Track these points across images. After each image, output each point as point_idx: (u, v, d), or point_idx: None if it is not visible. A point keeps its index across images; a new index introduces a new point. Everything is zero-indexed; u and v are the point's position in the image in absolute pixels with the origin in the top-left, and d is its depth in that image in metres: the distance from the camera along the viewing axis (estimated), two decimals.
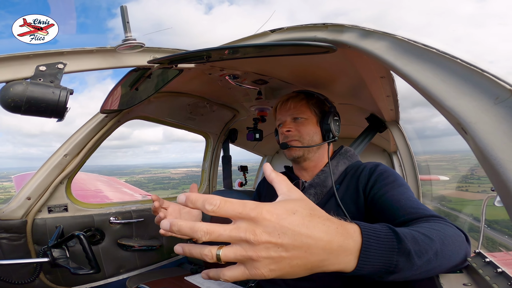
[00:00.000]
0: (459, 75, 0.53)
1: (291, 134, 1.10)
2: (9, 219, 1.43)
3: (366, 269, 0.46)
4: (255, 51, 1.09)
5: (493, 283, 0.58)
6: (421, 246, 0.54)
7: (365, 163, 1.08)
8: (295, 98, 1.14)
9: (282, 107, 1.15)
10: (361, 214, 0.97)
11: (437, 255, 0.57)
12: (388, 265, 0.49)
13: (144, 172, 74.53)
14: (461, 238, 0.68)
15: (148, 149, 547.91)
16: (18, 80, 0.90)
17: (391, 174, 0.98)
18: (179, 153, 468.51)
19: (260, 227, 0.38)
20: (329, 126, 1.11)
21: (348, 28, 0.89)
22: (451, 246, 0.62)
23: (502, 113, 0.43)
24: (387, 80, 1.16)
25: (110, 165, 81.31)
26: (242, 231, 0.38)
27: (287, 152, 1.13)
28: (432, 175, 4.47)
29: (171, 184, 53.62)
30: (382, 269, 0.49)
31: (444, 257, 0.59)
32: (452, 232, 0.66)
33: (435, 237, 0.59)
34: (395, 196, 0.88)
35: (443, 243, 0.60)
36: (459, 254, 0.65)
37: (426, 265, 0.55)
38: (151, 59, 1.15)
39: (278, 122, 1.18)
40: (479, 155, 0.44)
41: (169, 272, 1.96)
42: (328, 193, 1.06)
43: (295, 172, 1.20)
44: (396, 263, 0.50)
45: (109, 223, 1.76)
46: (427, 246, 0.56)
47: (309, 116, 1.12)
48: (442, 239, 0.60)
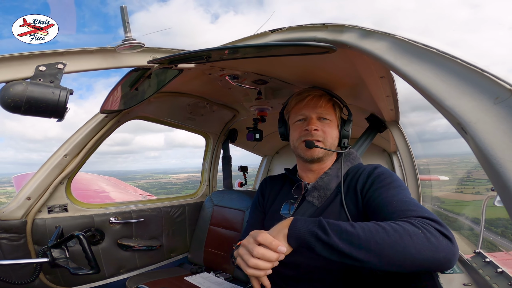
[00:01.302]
0: (459, 75, 0.53)
1: (317, 133, 1.07)
2: (9, 219, 1.43)
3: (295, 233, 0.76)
4: (255, 51, 1.08)
5: (493, 283, 0.58)
6: (344, 229, 0.72)
7: (365, 166, 1.08)
8: (326, 97, 1.12)
9: (311, 103, 1.10)
10: (360, 215, 0.97)
11: (378, 243, 0.68)
12: (310, 232, 0.74)
13: (146, 177, 75.11)
14: (430, 240, 0.67)
15: (148, 154, 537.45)
16: (18, 80, 0.89)
17: (389, 176, 0.99)
18: (179, 159, 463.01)
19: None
20: (348, 133, 1.11)
21: (348, 28, 0.89)
22: (401, 240, 0.67)
23: (502, 113, 0.43)
24: (387, 80, 1.16)
25: (111, 171, 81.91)
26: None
27: (307, 152, 1.08)
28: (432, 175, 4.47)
29: (174, 189, 54.52)
30: (306, 235, 0.74)
31: (388, 248, 0.67)
32: (414, 231, 0.68)
33: (380, 230, 0.69)
34: (388, 197, 0.88)
35: (388, 235, 0.68)
36: (423, 254, 0.66)
37: (356, 247, 0.69)
38: (151, 59, 1.14)
39: (299, 117, 1.12)
40: (479, 155, 0.44)
41: (169, 272, 1.96)
42: (331, 196, 1.05)
43: (299, 173, 1.19)
44: (315, 232, 0.73)
45: (109, 223, 1.76)
46: (358, 231, 0.70)
47: (333, 119, 1.11)
48: (390, 233, 0.69)
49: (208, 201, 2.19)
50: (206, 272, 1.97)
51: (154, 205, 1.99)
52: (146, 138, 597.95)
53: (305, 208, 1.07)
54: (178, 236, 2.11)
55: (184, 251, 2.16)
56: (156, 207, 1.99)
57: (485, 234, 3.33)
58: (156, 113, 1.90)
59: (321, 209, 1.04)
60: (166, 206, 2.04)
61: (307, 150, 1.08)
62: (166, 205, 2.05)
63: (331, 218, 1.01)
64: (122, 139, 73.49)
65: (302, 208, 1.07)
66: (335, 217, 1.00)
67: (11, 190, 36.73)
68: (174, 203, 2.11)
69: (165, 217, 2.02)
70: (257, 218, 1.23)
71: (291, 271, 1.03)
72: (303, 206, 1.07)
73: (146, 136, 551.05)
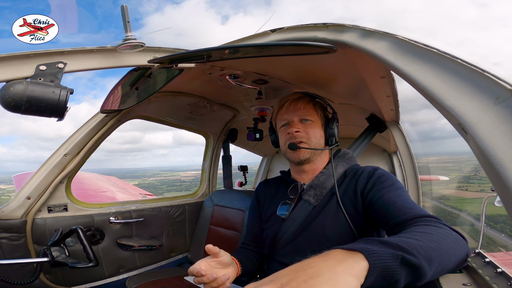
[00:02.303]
0: (459, 75, 0.53)
1: (299, 135, 1.08)
2: (9, 219, 1.43)
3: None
4: (256, 51, 1.08)
5: (493, 283, 0.58)
6: (418, 244, 0.58)
7: (364, 167, 1.09)
8: (304, 99, 1.13)
9: (290, 107, 1.12)
10: (359, 215, 0.98)
11: (441, 258, 0.59)
12: (393, 256, 0.53)
13: (155, 175, 75.64)
14: (458, 239, 0.69)
15: (157, 152, 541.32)
16: (19, 79, 0.89)
17: (389, 177, 0.99)
18: (187, 156, 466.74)
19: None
20: (333, 131, 1.11)
21: (348, 28, 0.89)
22: (451, 248, 0.64)
23: (502, 113, 0.43)
24: (388, 80, 1.16)
25: (120, 169, 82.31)
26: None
27: (293, 154, 1.09)
28: (432, 175, 4.47)
29: (183, 186, 55.06)
30: (391, 263, 0.52)
31: (444, 259, 0.61)
32: (448, 234, 0.67)
33: (427, 238, 0.62)
34: (391, 198, 0.89)
35: (438, 243, 0.62)
36: (459, 254, 0.66)
37: (429, 263, 0.57)
38: (151, 58, 1.14)
39: (283, 122, 1.14)
40: (479, 155, 0.45)
41: (169, 272, 1.96)
42: (328, 195, 1.06)
43: (293, 176, 1.19)
44: (401, 256, 0.53)
45: (109, 223, 1.76)
46: (426, 243, 0.60)
47: (315, 119, 1.12)
48: (435, 240, 0.63)
49: (208, 200, 2.19)
50: None
51: (154, 205, 1.99)
52: (155, 136, 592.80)
53: (302, 208, 1.07)
54: (178, 236, 2.11)
55: (184, 251, 2.16)
56: (156, 207, 1.99)
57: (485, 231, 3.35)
58: (156, 113, 1.90)
59: (318, 208, 1.05)
60: (166, 206, 2.04)
61: (293, 152, 1.09)
62: (166, 204, 2.05)
63: (328, 216, 1.01)
64: (132, 137, 72.60)
65: (299, 207, 1.07)
66: (333, 216, 1.01)
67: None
68: (174, 203, 2.11)
69: (165, 216, 2.02)
70: (254, 223, 1.24)
71: None
72: (300, 206, 1.08)
73: (155, 134, 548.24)
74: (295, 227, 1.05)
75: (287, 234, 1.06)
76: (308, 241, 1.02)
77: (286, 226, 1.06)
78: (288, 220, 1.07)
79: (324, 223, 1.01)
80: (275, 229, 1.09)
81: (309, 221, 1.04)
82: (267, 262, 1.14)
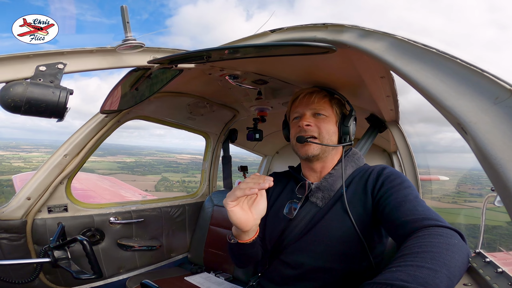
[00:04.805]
0: (459, 75, 0.53)
1: (310, 129, 1.05)
2: (9, 219, 1.43)
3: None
4: (255, 51, 1.08)
5: (493, 283, 0.58)
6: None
7: (373, 166, 1.08)
8: (319, 93, 1.10)
9: (304, 100, 1.09)
10: (368, 216, 0.96)
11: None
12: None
13: (151, 154, 74.76)
14: (459, 246, 0.64)
15: (154, 132, 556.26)
16: (18, 80, 0.89)
17: (398, 176, 0.98)
18: (183, 139, 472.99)
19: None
20: (348, 129, 1.08)
21: (348, 28, 0.89)
22: (458, 265, 0.59)
23: (502, 113, 0.43)
24: (387, 80, 1.16)
25: (115, 144, 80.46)
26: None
27: (302, 149, 1.07)
28: (432, 175, 4.46)
29: (180, 168, 55.09)
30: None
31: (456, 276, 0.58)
32: (449, 246, 0.63)
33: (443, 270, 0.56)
34: (398, 198, 0.88)
35: (451, 257, 0.59)
36: (461, 264, 0.61)
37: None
38: (151, 59, 1.14)
39: (294, 115, 1.11)
40: (479, 155, 0.44)
41: (169, 272, 1.96)
42: (335, 197, 1.04)
43: (303, 172, 1.17)
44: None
45: (109, 223, 1.76)
46: (433, 266, 0.56)
47: (330, 114, 1.09)
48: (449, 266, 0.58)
49: (208, 201, 2.19)
50: (206, 272, 1.97)
51: (154, 205, 2.00)
52: None
53: (308, 209, 1.06)
54: (178, 236, 2.11)
55: (184, 251, 2.16)
56: (156, 207, 1.99)
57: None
58: (156, 113, 1.90)
59: (324, 209, 1.04)
60: (166, 206, 2.05)
61: (301, 146, 1.06)
62: (166, 205, 2.05)
63: (335, 218, 1.00)
64: None
65: (305, 208, 1.07)
66: (339, 218, 1.00)
67: (24, 156, 35.88)
68: (174, 203, 2.11)
69: (165, 217, 2.02)
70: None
71: (293, 271, 1.03)
72: (306, 207, 1.07)
73: None
74: (301, 227, 1.04)
75: (292, 234, 1.05)
76: (312, 242, 1.01)
77: (293, 225, 1.06)
78: (295, 219, 1.06)
79: (330, 225, 1.00)
80: (281, 228, 1.08)
81: (315, 222, 1.03)
82: (270, 260, 1.12)
